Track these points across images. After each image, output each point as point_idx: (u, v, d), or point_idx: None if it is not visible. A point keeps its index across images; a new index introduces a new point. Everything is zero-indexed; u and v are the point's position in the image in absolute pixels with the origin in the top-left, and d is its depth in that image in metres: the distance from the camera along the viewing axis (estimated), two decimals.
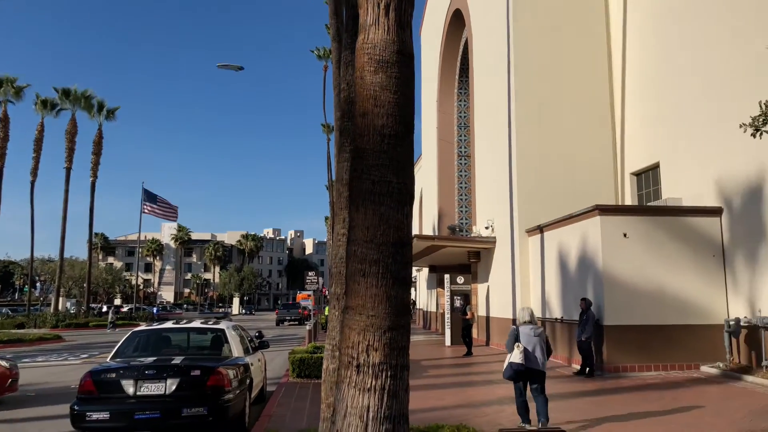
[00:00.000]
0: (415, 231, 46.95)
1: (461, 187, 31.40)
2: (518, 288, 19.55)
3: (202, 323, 10.85)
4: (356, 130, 4.99)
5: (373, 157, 4.74)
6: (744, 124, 10.47)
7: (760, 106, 10.16)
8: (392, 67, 4.87)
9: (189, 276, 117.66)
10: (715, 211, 14.93)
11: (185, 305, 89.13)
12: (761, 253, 13.44)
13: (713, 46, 15.30)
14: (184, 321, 11.42)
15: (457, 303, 23.10)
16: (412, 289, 51.61)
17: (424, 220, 39.96)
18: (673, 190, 16.75)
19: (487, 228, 23.11)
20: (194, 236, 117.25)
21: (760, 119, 10.15)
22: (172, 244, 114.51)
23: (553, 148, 19.94)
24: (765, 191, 13.31)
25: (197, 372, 8.12)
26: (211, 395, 8.03)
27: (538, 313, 18.40)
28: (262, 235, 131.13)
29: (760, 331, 13.02)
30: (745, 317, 13.61)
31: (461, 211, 31.31)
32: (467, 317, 20.52)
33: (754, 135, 10.31)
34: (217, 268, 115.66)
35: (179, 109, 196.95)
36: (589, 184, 19.73)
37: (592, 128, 20.33)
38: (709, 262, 14.76)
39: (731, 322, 13.75)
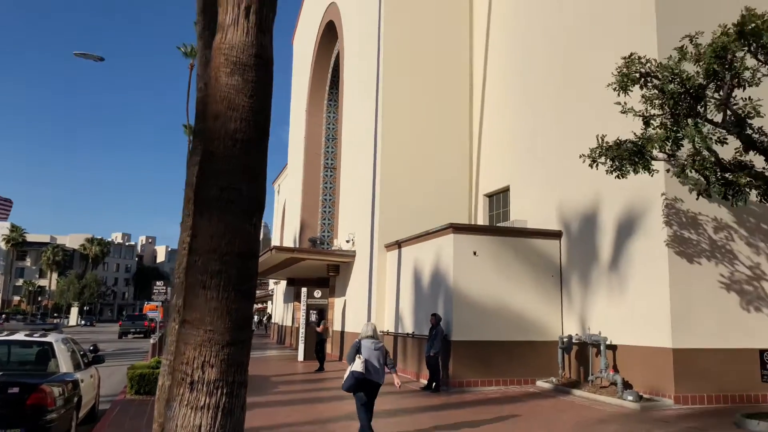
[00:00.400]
0: (275, 242, 46.20)
1: (325, 199, 31.41)
2: (374, 303, 19.79)
3: (26, 335, 9.79)
4: (208, 132, 4.74)
5: (223, 162, 4.52)
6: (583, 155, 11.41)
7: (598, 140, 11.13)
8: (249, 70, 4.69)
9: (21, 282, 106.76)
10: (555, 234, 16.10)
11: (5, 314, 79.61)
12: (592, 275, 14.67)
13: (561, 81, 16.59)
14: (5, 333, 10.23)
15: (313, 317, 22.92)
16: (269, 302, 50.65)
17: (286, 231, 39.45)
18: (520, 213, 17.86)
19: (348, 242, 23.23)
20: (30, 238, 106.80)
21: (597, 152, 11.12)
22: (2, 245, 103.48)
23: (415, 166, 20.54)
24: (598, 218, 14.57)
25: (15, 389, 7.31)
26: (31, 415, 7.24)
27: (391, 328, 18.74)
28: (109, 239, 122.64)
29: (588, 348, 14.17)
30: (577, 334, 14.76)
31: (324, 224, 31.30)
32: (320, 331, 20.43)
33: (591, 165, 11.26)
34: (56, 275, 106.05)
35: (18, 97, 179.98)
36: (447, 204, 20.53)
37: (453, 151, 21.23)
38: (549, 282, 15.87)
39: (564, 339, 14.85)
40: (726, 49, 9.42)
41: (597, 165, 11.15)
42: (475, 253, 15.29)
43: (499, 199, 19.91)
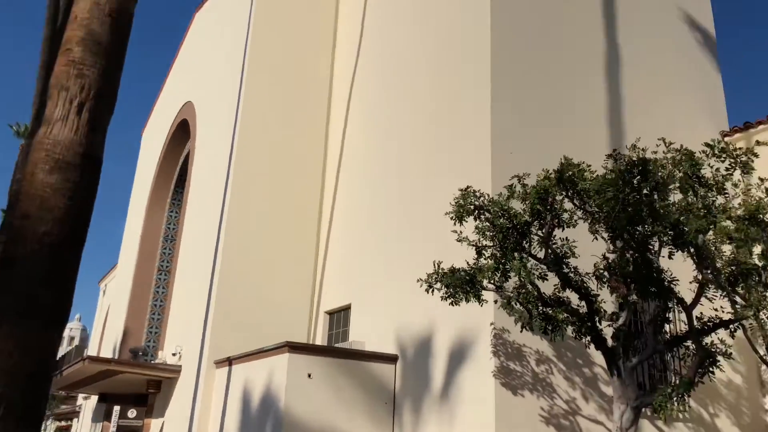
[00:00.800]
0: (93, 349, 41.74)
1: (155, 305, 29.20)
2: (196, 426, 18.08)
3: None
4: (13, 231, 4.19)
5: (26, 267, 3.97)
6: (420, 280, 11.73)
7: (434, 266, 11.54)
8: (73, 170, 4.29)
9: None
10: (392, 358, 16.07)
11: None
12: (424, 403, 14.67)
13: (406, 205, 17.31)
14: None
15: None
16: (75, 420, 44.87)
17: (107, 337, 35.86)
18: (360, 333, 17.72)
19: (174, 354, 21.47)
20: None
21: (433, 277, 11.48)
22: None
23: (256, 279, 19.88)
24: (433, 344, 14.82)
25: None
26: None
27: None
28: None
29: None
30: None
31: (150, 332, 28.89)
32: None
33: (428, 291, 11.56)
34: None
35: None
36: (286, 319, 19.85)
37: (297, 265, 20.94)
38: (382, 409, 15.56)
39: None
40: (548, 191, 10.39)
41: (433, 291, 11.48)
42: (309, 376, 14.75)
43: (340, 317, 19.75)
